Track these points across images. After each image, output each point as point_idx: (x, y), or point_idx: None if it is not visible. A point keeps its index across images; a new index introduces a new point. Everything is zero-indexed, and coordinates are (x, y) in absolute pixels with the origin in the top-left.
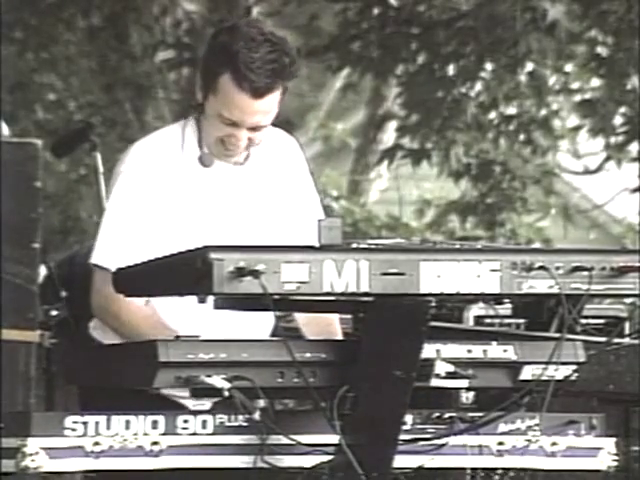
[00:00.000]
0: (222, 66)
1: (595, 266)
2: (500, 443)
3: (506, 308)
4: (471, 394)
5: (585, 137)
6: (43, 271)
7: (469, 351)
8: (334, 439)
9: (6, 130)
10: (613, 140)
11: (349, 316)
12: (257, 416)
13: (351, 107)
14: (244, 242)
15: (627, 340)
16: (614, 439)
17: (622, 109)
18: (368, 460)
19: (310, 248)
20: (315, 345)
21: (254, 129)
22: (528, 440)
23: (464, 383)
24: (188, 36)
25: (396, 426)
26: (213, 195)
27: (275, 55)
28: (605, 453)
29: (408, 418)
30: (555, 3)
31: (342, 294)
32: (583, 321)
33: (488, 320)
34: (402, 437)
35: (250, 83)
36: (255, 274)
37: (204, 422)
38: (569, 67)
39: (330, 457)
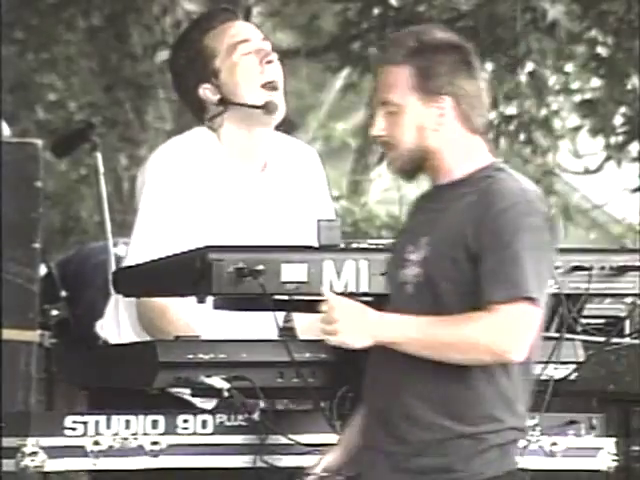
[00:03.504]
0: (199, 39)
1: (595, 265)
2: None
3: None
4: None
5: (585, 137)
6: (43, 271)
7: None
8: (334, 439)
9: (7, 130)
10: (613, 140)
11: None
12: (257, 416)
13: (351, 107)
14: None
15: (627, 340)
16: (614, 439)
17: (622, 109)
18: None
19: (310, 248)
20: (314, 345)
21: (266, 50)
22: (528, 440)
23: None
24: None
25: None
26: (234, 200)
27: None
28: (605, 453)
29: None
30: (555, 3)
31: (342, 294)
32: (583, 320)
33: None
34: None
35: (222, 12)
36: (255, 274)
37: (204, 422)
38: (569, 67)
39: None
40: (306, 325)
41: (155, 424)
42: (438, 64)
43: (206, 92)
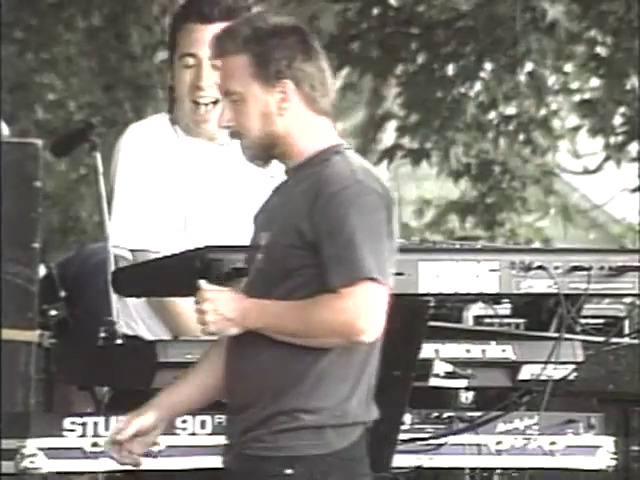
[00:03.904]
0: (177, 21)
1: (594, 266)
2: (499, 442)
3: (505, 308)
4: (470, 394)
5: (584, 137)
6: (42, 271)
7: (468, 351)
8: None
9: (6, 130)
10: (612, 140)
11: None
12: None
13: (351, 107)
14: (223, 220)
15: (626, 340)
16: (613, 438)
17: (621, 109)
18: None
19: None
20: None
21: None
22: (527, 439)
23: (463, 383)
24: None
25: (395, 426)
26: (199, 173)
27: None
28: (604, 452)
29: (407, 418)
30: (555, 3)
31: None
32: (582, 321)
33: (487, 320)
34: (401, 437)
35: (198, 10)
36: None
37: (203, 422)
38: (568, 67)
39: None
40: None
41: None
42: (274, 49)
43: (170, 74)
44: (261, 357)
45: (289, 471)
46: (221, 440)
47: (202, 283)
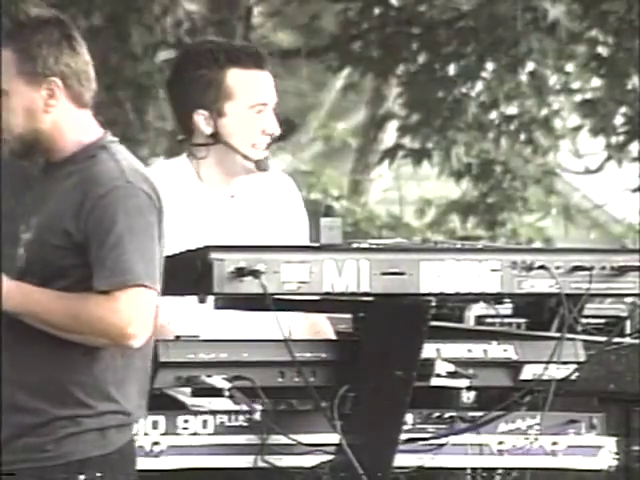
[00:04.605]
0: (221, 68)
1: (595, 265)
2: (500, 442)
3: (507, 308)
4: (472, 394)
5: (586, 137)
6: None
7: (469, 351)
8: (334, 439)
9: None
10: (614, 140)
11: (349, 316)
12: (257, 416)
13: (352, 107)
14: None
15: (627, 339)
16: (615, 438)
17: (623, 109)
18: (368, 460)
19: (310, 248)
20: (315, 345)
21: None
22: (528, 439)
23: (465, 383)
24: (189, 36)
25: (396, 426)
26: (205, 224)
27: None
28: (606, 452)
29: (408, 418)
30: (556, 3)
31: (342, 294)
32: (583, 320)
33: (489, 320)
34: (402, 437)
35: (254, 55)
36: (255, 274)
37: (204, 422)
38: (570, 67)
39: (330, 457)
40: (306, 325)
41: (155, 424)
42: (39, 45)
43: (200, 119)
44: (35, 362)
45: (82, 477)
46: (223, 440)
47: None
